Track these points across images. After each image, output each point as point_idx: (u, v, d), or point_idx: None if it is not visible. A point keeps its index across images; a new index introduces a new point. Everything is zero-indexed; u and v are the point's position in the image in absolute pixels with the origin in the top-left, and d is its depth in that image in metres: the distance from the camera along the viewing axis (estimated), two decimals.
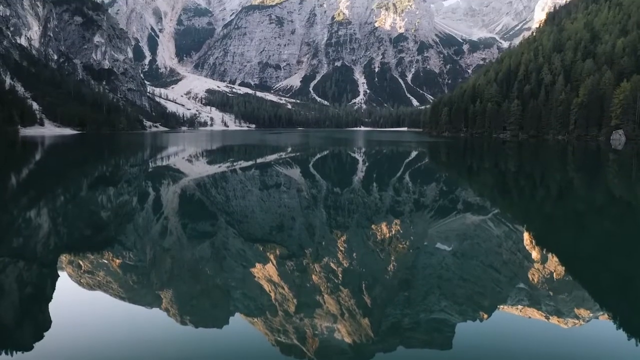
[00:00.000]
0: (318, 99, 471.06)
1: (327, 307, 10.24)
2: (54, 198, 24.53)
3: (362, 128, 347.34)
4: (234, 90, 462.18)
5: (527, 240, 15.93)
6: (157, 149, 73.79)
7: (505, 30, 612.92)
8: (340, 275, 12.00)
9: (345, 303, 10.38)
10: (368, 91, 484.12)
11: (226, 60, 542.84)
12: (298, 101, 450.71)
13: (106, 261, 13.33)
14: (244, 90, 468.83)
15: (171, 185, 29.88)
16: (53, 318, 9.49)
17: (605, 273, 12.47)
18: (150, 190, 27.63)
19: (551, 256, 14.06)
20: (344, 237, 15.83)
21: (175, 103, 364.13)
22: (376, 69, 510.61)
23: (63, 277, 12.00)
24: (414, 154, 63.87)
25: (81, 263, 13.22)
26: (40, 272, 12.45)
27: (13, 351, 8.20)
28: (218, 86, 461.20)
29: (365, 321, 9.64)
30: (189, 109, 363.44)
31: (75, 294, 11.22)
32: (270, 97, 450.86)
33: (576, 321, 9.74)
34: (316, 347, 8.78)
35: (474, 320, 9.71)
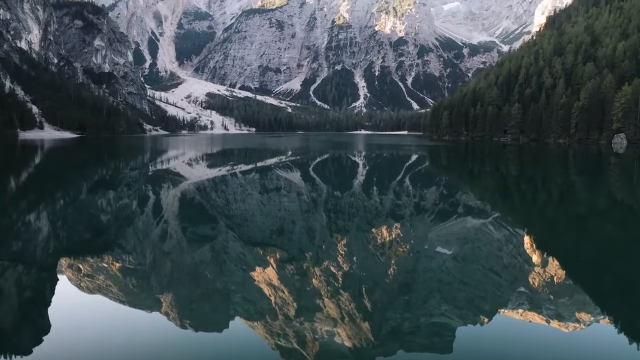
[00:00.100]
0: (318, 103, 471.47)
1: (327, 311, 10.22)
2: (54, 202, 24.53)
3: (363, 132, 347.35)
4: (234, 93, 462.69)
5: (528, 244, 15.91)
6: (157, 153, 73.77)
7: (505, 34, 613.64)
8: (340, 279, 11.98)
9: (345, 307, 10.36)
10: (368, 95, 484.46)
11: (226, 63, 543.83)
12: (298, 105, 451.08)
13: (106, 265, 13.31)
14: (244, 93, 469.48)
15: (171, 188, 29.86)
16: (52, 322, 9.47)
17: (606, 277, 12.45)
18: (150, 193, 27.62)
19: (552, 260, 14.04)
20: (344, 241, 15.81)
21: (175, 107, 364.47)
22: (376, 73, 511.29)
23: (63, 281, 11.98)
24: (415, 158, 63.87)
25: (81, 267, 13.20)
26: (39, 276, 12.43)
27: (12, 355, 8.17)
28: (218, 90, 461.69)
29: (365, 325, 9.62)
30: (189, 113, 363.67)
31: (74, 298, 11.20)
32: (270, 101, 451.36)
33: (577, 325, 9.72)
34: (316, 351, 8.76)
35: (475, 324, 9.69)
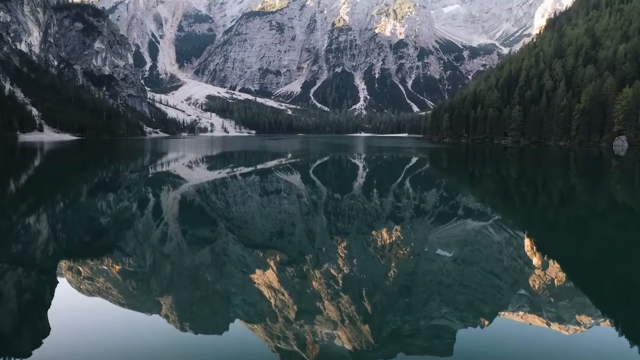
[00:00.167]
0: (318, 105, 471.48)
1: (328, 314, 10.21)
2: (54, 204, 24.51)
3: (363, 134, 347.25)
4: (234, 96, 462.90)
5: (528, 246, 15.90)
6: (157, 155, 73.77)
7: (505, 36, 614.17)
8: (340, 281, 11.96)
9: (345, 309, 10.35)
10: (368, 97, 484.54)
11: (226, 66, 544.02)
12: (298, 107, 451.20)
13: (106, 267, 13.30)
14: (245, 96, 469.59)
15: (171, 191, 29.86)
16: (52, 324, 9.45)
17: (606, 279, 12.43)
18: (150, 196, 27.62)
19: (552, 262, 14.02)
20: (344, 244, 15.80)
21: (175, 109, 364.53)
22: (376, 75, 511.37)
23: (62, 283, 11.96)
24: (415, 160, 63.84)
25: (81, 269, 13.20)
26: (39, 279, 12.41)
27: (12, 358, 8.17)
28: (218, 92, 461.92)
29: (365, 328, 9.61)
30: (189, 115, 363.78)
31: (74, 300, 11.18)
32: (270, 103, 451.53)
33: (577, 328, 9.71)
34: (316, 354, 8.74)
35: (475, 326, 9.67)
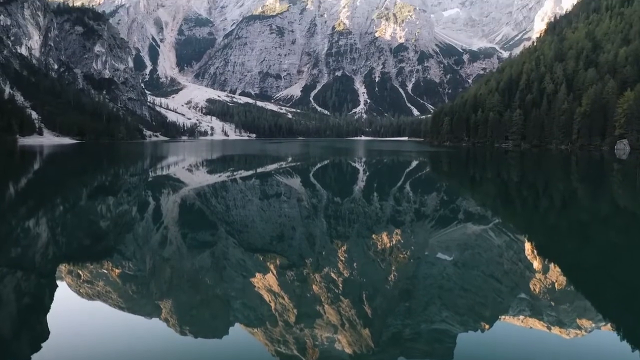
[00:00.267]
0: (318, 109, 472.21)
1: (328, 318, 10.18)
2: (53, 208, 24.49)
3: (363, 137, 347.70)
4: (235, 99, 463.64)
5: (529, 250, 15.87)
6: (157, 159, 73.77)
7: (505, 40, 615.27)
8: (340, 285, 11.94)
9: (345, 313, 10.32)
10: (368, 101, 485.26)
11: (227, 69, 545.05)
12: (298, 111, 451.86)
13: (105, 271, 13.27)
14: (245, 99, 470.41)
15: (171, 194, 29.84)
16: (51, 328, 9.42)
17: (607, 283, 12.39)
18: (150, 199, 27.60)
19: (553, 266, 13.99)
20: (345, 247, 15.78)
21: (175, 112, 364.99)
22: (376, 79, 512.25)
23: (62, 287, 11.92)
24: (415, 164, 63.85)
25: (80, 273, 13.16)
26: (38, 282, 12.38)
27: None
28: (218, 96, 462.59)
29: (365, 331, 9.58)
30: (190, 119, 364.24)
31: (74, 304, 11.14)
32: (270, 107, 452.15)
33: (578, 332, 9.68)
34: (316, 358, 8.71)
35: (475, 330, 9.65)
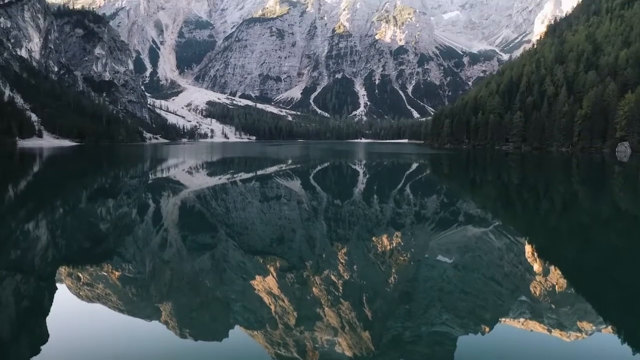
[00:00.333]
0: (318, 111, 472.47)
1: (328, 320, 10.16)
2: (53, 210, 24.48)
3: (363, 140, 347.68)
4: (235, 102, 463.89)
5: (529, 252, 15.85)
6: (157, 161, 73.72)
7: (505, 42, 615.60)
8: (340, 287, 11.92)
9: (345, 316, 10.31)
10: (368, 103, 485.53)
11: (227, 72, 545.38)
12: (298, 113, 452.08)
13: (105, 273, 13.25)
14: (245, 102, 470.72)
15: (171, 197, 29.83)
16: (51, 331, 9.40)
17: (608, 286, 12.37)
18: (149, 202, 27.59)
19: (553, 269, 13.98)
20: (345, 250, 15.76)
21: (175, 115, 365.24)
22: (377, 81, 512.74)
23: (62, 290, 11.91)
24: (415, 166, 63.82)
25: (80, 275, 13.15)
26: (38, 285, 12.36)
27: None
28: (219, 98, 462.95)
29: (366, 334, 9.56)
30: (190, 121, 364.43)
31: (74, 307, 11.12)
32: (270, 109, 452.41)
33: (579, 334, 9.66)
34: None
35: (476, 333, 9.63)
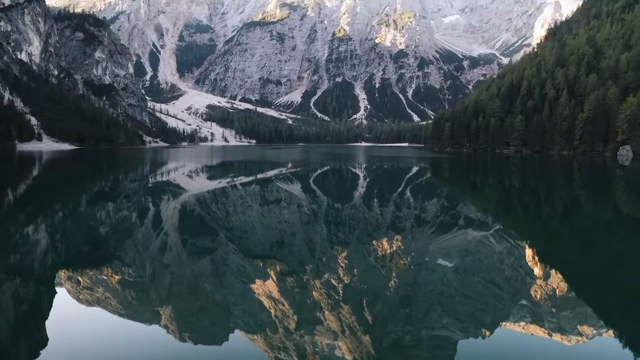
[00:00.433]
0: (319, 115, 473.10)
1: (328, 324, 10.13)
2: (52, 214, 24.45)
3: (363, 143, 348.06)
4: (235, 105, 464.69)
5: (530, 256, 15.81)
6: (157, 165, 73.69)
7: (505, 46, 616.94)
8: (341, 291, 11.89)
9: (346, 320, 10.28)
10: (369, 107, 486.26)
11: (227, 76, 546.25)
12: (299, 117, 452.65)
13: (105, 277, 13.22)
14: (245, 105, 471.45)
15: (171, 200, 29.81)
16: (50, 335, 9.37)
17: (609, 290, 12.34)
18: (149, 205, 27.56)
19: (554, 273, 13.94)
20: (345, 253, 15.73)
21: (175, 118, 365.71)
22: (377, 85, 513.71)
23: (61, 293, 11.87)
24: (416, 170, 63.73)
25: (80, 279, 13.12)
26: (37, 289, 12.33)
27: None
28: (219, 102, 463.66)
29: (366, 338, 9.53)
30: (190, 125, 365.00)
31: (73, 310, 11.09)
32: (270, 113, 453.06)
33: (579, 338, 9.63)
34: None
35: (476, 337, 9.60)
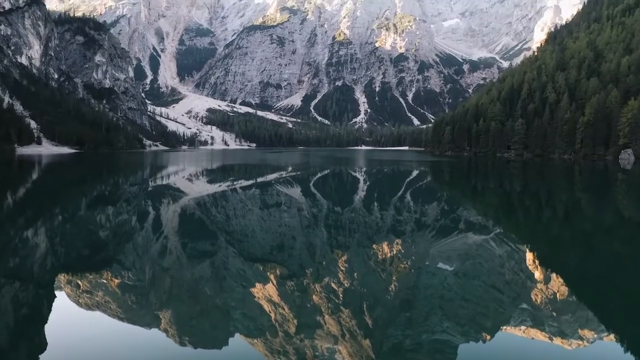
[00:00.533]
0: (319, 118, 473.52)
1: (328, 328, 10.11)
2: (52, 218, 24.43)
3: (363, 147, 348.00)
4: (235, 109, 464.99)
5: (530, 260, 15.79)
6: (157, 168, 73.67)
7: (505, 50, 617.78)
8: (341, 295, 11.87)
9: (346, 324, 10.26)
10: (369, 110, 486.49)
11: (227, 79, 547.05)
12: (299, 120, 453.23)
13: (105, 281, 13.20)
14: (245, 109, 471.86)
15: (171, 204, 29.79)
16: (49, 339, 9.35)
17: (610, 294, 12.32)
18: (149, 209, 27.53)
19: (555, 276, 13.92)
20: (345, 257, 15.71)
21: (175, 122, 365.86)
22: (377, 89, 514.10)
23: (61, 297, 11.85)
24: (416, 174, 63.73)
25: (79, 283, 13.10)
26: (37, 292, 12.31)
27: None
28: (219, 105, 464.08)
29: (366, 342, 9.51)
30: (190, 128, 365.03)
31: (73, 314, 11.07)
32: (271, 116, 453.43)
33: (580, 342, 9.61)
34: None
35: (477, 341, 9.58)
